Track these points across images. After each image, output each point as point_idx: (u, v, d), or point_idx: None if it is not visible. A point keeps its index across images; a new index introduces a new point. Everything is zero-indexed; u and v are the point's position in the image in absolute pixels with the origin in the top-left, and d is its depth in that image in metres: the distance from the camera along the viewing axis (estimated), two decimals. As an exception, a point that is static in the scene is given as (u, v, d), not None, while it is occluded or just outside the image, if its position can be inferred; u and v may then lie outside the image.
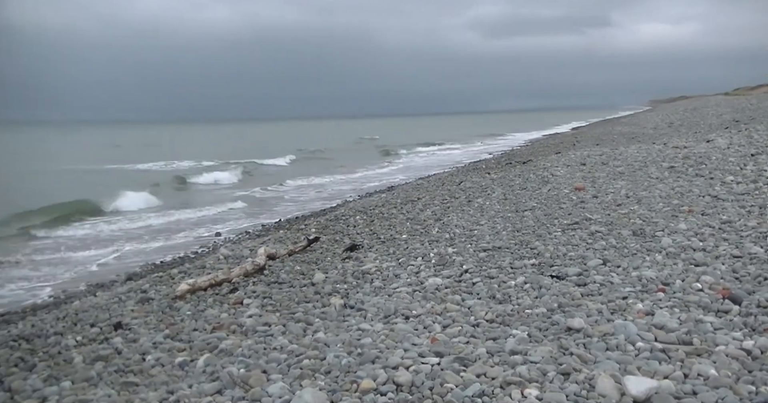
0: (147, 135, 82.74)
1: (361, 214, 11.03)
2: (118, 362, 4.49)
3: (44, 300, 8.54)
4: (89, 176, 28.15)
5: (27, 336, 5.41)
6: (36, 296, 8.79)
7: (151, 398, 3.68)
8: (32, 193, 19.81)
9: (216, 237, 13.01)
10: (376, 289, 5.73)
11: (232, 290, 6.22)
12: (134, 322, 5.45)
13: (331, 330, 4.61)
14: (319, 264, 7.13)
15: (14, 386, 4.15)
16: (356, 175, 26.04)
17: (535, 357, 3.62)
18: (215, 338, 4.70)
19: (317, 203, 17.57)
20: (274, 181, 24.12)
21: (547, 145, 27.41)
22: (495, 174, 15.08)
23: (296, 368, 3.84)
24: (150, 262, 10.62)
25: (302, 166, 32.25)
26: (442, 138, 51.67)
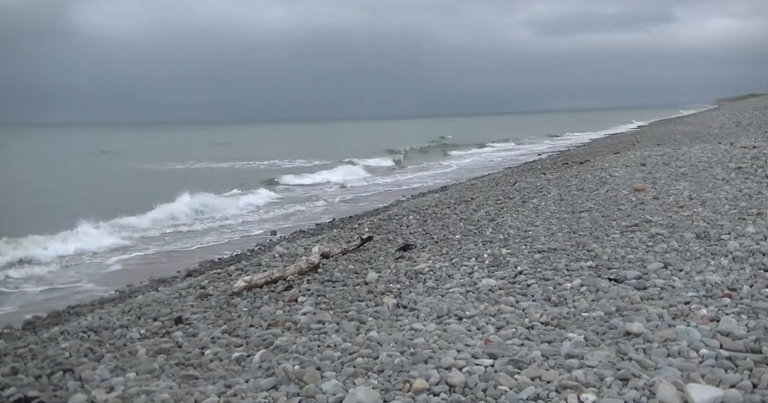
0: (227, 135, 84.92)
1: (414, 214, 11.03)
2: (179, 355, 4.63)
3: (111, 294, 8.92)
4: (242, 173, 28.79)
5: (95, 328, 5.65)
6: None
7: (210, 392, 3.78)
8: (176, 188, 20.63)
9: (271, 235, 13.27)
10: (429, 289, 5.73)
11: (287, 288, 6.33)
12: (194, 317, 5.62)
13: (384, 329, 4.64)
14: (373, 263, 7.17)
15: (84, 375, 4.35)
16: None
17: (592, 361, 3.54)
18: (271, 334, 4.79)
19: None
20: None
21: (605, 145, 26.69)
22: (551, 174, 14.80)
23: (349, 366, 3.88)
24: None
25: (418, 163, 32.21)
26: (496, 138, 51.13)
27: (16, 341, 5.91)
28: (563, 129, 60.07)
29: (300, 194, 21.58)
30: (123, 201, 18.04)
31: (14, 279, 10.33)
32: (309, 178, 25.85)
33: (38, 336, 5.92)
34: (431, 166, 30.56)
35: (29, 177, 29.33)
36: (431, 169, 29.02)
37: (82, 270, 11.00)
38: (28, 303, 8.91)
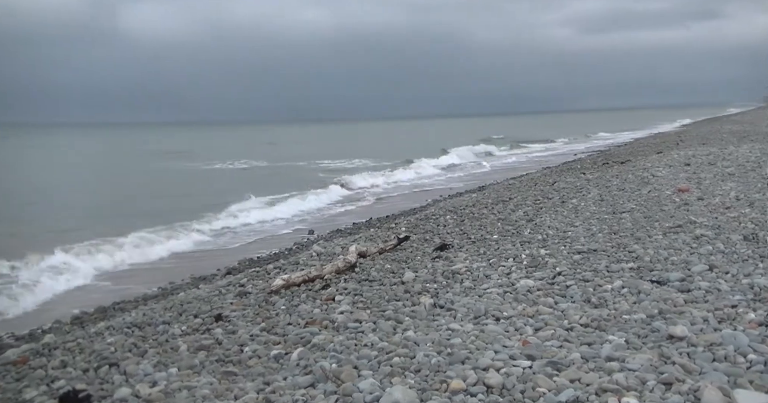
0: (271, 134, 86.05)
1: (452, 213, 10.98)
2: (219, 352, 4.72)
3: (153, 291, 9.13)
4: (315, 172, 29.04)
5: (139, 324, 5.80)
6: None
7: (249, 388, 3.84)
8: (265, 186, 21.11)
9: (309, 235, 13.39)
10: (466, 289, 5.70)
11: (325, 287, 6.38)
12: (233, 314, 5.71)
13: (421, 329, 4.63)
14: (409, 263, 7.17)
15: (129, 369, 4.47)
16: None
17: (634, 365, 3.47)
18: (308, 332, 4.84)
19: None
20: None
21: (648, 144, 26.09)
22: (591, 174, 14.55)
23: (386, 365, 3.89)
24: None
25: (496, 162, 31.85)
26: (536, 137, 50.57)
27: (65, 336, 6.11)
28: (602, 128, 59.00)
29: (405, 191, 21.35)
30: (214, 199, 18.75)
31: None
32: (388, 176, 25.77)
33: (85, 331, 6.11)
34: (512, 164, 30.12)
35: (101, 176, 29.96)
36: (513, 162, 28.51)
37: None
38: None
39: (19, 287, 9.31)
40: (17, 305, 8.60)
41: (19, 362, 5.00)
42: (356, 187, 22.80)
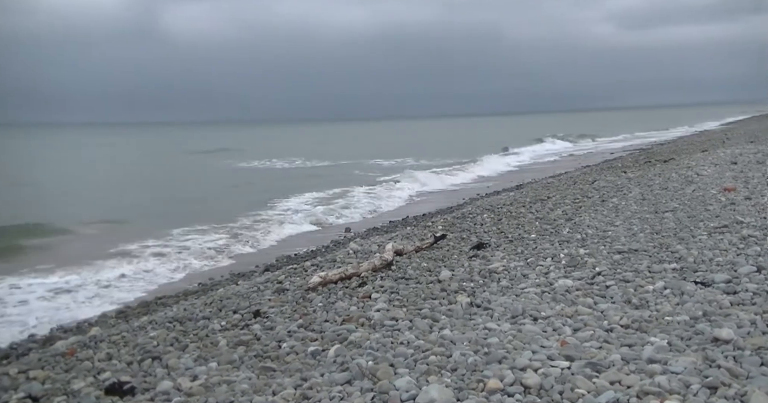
0: (316, 132, 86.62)
1: (489, 212, 10.89)
2: (257, 347, 4.78)
3: (194, 286, 9.32)
4: (388, 170, 29.15)
5: (180, 319, 5.93)
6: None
7: (287, 384, 3.89)
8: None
9: (346, 232, 13.47)
10: (504, 288, 5.65)
11: (361, 284, 6.41)
12: (271, 311, 5.78)
13: (458, 328, 4.62)
14: (446, 261, 7.15)
15: (170, 363, 4.58)
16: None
17: (677, 367, 3.39)
18: (345, 329, 4.87)
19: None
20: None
21: (692, 142, 25.41)
22: (632, 173, 14.24)
23: (423, 363, 3.88)
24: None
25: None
26: (575, 135, 49.80)
27: (110, 329, 6.29)
28: (645, 126, 57.68)
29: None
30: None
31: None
32: (465, 173, 26.03)
33: (129, 324, 6.28)
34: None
35: (165, 175, 30.49)
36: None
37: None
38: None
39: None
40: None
41: (68, 354, 5.18)
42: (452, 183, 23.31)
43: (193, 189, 24.54)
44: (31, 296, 9.02)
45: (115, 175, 31.44)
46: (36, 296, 8.99)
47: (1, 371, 4.91)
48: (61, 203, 20.14)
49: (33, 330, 7.46)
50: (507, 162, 30.71)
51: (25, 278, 10.08)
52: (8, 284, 9.66)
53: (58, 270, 10.52)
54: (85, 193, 23.65)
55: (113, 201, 20.72)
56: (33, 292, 9.20)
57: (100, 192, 23.56)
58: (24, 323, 7.78)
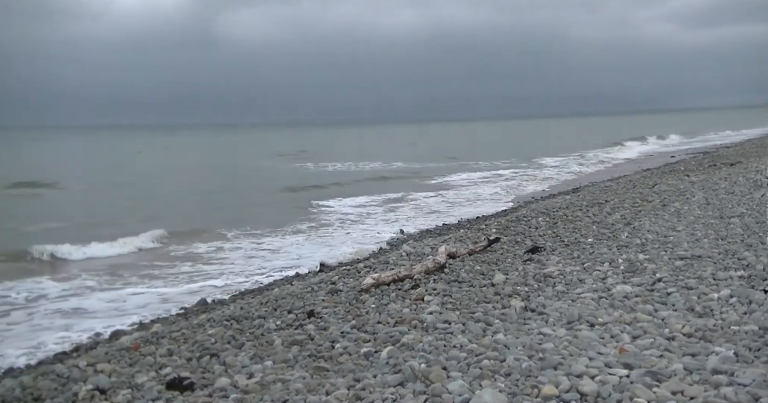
0: (389, 134, 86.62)
1: (544, 215, 10.71)
2: (311, 347, 4.85)
3: (250, 286, 9.52)
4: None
5: (237, 317, 6.08)
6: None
7: (340, 384, 3.93)
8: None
9: (399, 234, 13.49)
10: (559, 293, 5.54)
11: (414, 286, 6.41)
12: (325, 311, 5.85)
13: (511, 332, 4.56)
14: (500, 265, 7.07)
15: (228, 360, 4.70)
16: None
17: (744, 379, 3.24)
18: (397, 331, 4.88)
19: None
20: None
21: (762, 145, 24.29)
22: (695, 176, 13.73)
23: (476, 367, 3.85)
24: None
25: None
26: (636, 137, 48.40)
27: (171, 325, 6.51)
28: (708, 128, 55.40)
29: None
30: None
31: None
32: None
33: (189, 322, 6.48)
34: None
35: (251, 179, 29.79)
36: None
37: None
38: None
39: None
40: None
41: (132, 349, 5.38)
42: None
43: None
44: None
45: (229, 176, 31.12)
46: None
47: (72, 363, 5.16)
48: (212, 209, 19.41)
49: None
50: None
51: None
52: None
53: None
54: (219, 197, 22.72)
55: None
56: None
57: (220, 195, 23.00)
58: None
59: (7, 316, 8.26)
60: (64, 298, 9.08)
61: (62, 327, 7.72)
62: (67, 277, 10.43)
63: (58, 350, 6.78)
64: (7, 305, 8.71)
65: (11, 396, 4.44)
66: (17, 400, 4.38)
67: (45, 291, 9.42)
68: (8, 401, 4.37)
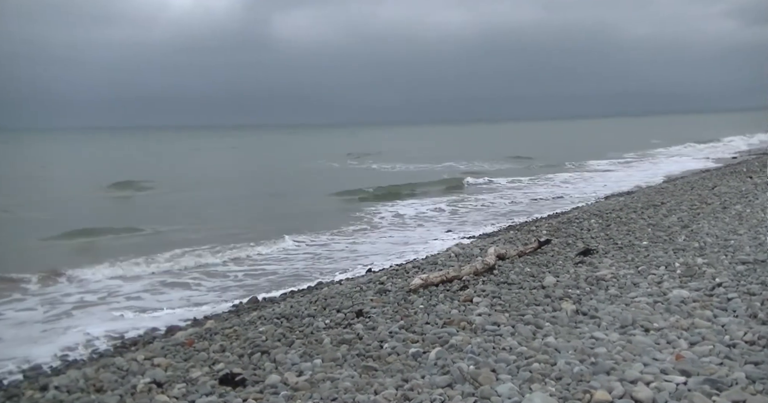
0: (442, 134, 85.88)
1: (597, 217, 10.47)
2: (360, 346, 4.88)
3: (299, 285, 9.65)
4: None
5: (287, 315, 6.17)
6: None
7: (388, 384, 3.94)
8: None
9: (446, 234, 13.43)
10: (612, 297, 5.41)
11: (462, 288, 6.37)
12: (373, 311, 5.88)
13: (562, 335, 4.48)
14: (550, 267, 6.95)
15: (278, 358, 4.78)
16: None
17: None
18: (446, 332, 4.87)
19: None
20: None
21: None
22: (759, 178, 13.16)
23: (525, 370, 3.81)
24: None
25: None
26: (695, 138, 46.75)
27: (224, 322, 6.67)
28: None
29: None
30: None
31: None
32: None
33: (240, 319, 6.62)
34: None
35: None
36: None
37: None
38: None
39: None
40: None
41: (187, 344, 5.54)
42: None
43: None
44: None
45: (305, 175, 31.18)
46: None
47: (130, 356, 5.35)
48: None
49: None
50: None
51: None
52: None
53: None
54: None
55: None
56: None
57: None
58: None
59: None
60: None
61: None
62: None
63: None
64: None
65: (75, 387, 4.65)
66: (80, 390, 4.57)
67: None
68: (72, 391, 4.57)
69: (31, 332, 7.58)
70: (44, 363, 6.42)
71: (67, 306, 8.71)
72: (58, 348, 6.89)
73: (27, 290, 9.53)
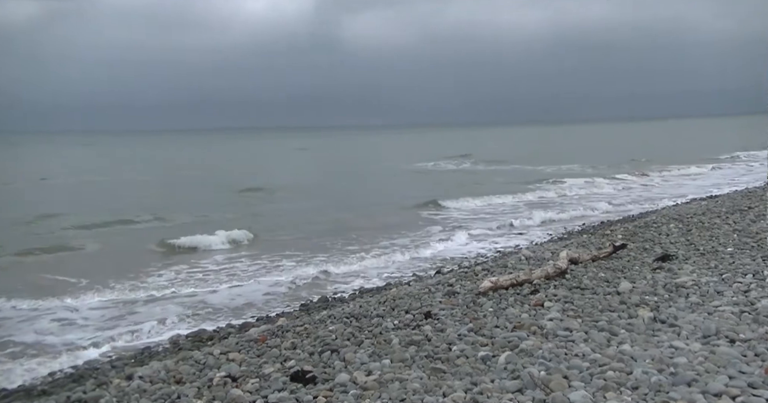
0: (521, 135, 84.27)
1: (676, 222, 10.03)
2: (428, 348, 4.87)
3: (369, 285, 9.75)
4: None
5: (356, 315, 6.24)
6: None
7: (457, 387, 3.92)
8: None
9: (518, 235, 13.22)
10: (693, 305, 5.17)
11: (533, 292, 6.26)
12: (441, 313, 5.86)
13: (639, 343, 4.32)
14: (626, 272, 6.71)
15: (347, 357, 4.84)
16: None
17: None
18: (516, 336, 4.79)
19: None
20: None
21: None
22: None
23: (599, 378, 3.69)
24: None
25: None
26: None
27: (295, 320, 6.82)
28: None
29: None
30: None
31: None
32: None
33: (311, 317, 6.76)
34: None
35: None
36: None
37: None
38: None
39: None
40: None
41: (260, 340, 5.71)
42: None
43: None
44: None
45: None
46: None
47: (207, 350, 5.57)
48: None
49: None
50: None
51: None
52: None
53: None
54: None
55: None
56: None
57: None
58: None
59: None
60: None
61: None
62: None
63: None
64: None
65: (157, 377, 4.88)
66: (162, 381, 4.80)
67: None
68: (155, 381, 4.81)
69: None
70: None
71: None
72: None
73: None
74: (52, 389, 5.77)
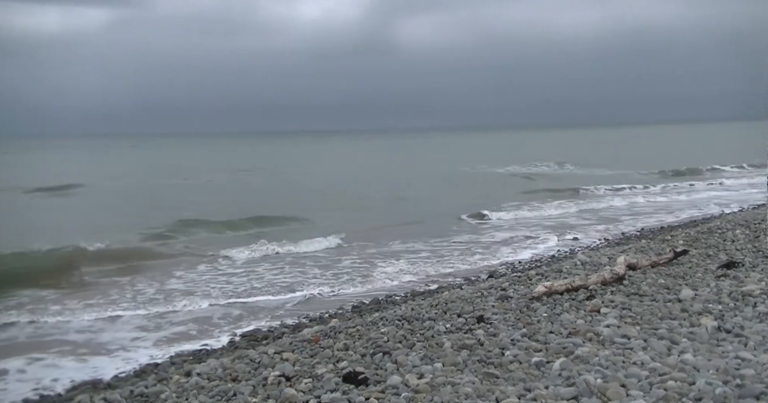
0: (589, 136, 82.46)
1: (743, 227, 9.61)
2: (480, 352, 4.83)
3: (421, 288, 9.74)
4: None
5: (408, 318, 6.25)
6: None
7: (510, 392, 3.87)
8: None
9: (574, 241, 12.96)
10: (761, 314, 4.95)
11: (589, 297, 6.12)
12: (494, 317, 5.80)
13: (702, 353, 4.16)
14: (687, 279, 6.48)
15: (399, 359, 4.85)
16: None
17: None
18: (571, 343, 4.70)
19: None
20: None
21: None
22: None
23: (660, 388, 3.58)
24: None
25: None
26: None
27: (347, 321, 6.89)
28: None
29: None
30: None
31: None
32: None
33: (363, 319, 6.80)
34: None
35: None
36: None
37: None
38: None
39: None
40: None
41: (313, 341, 5.79)
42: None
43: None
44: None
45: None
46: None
47: (262, 350, 5.69)
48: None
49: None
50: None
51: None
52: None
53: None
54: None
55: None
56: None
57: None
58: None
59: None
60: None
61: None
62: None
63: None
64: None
65: (215, 375, 5.02)
66: (219, 378, 4.94)
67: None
68: (212, 378, 4.95)
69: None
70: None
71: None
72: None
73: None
74: (117, 383, 6.01)
